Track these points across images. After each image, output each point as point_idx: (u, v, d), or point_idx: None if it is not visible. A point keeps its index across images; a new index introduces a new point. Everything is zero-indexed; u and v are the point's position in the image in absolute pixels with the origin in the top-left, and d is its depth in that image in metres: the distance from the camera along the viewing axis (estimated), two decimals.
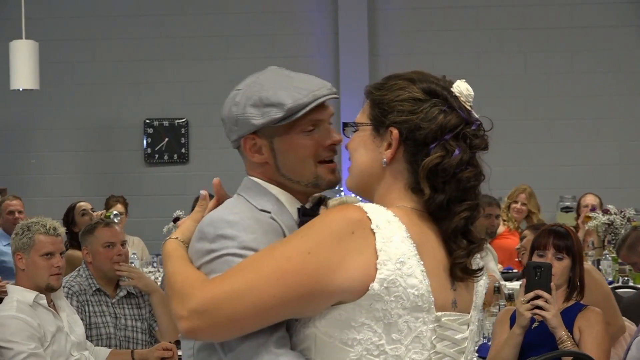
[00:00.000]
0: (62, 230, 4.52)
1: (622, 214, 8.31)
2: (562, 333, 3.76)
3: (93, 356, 4.59)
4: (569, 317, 3.89)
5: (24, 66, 8.13)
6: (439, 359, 1.96)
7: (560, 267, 4.02)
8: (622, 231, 7.93)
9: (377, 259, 1.87)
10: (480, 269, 2.03)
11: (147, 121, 10.70)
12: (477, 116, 2.04)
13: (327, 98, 2.17)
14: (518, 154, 10.34)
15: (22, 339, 4.13)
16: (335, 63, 10.32)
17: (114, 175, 10.70)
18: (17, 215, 8.16)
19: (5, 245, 7.82)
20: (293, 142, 2.15)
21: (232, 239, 2.02)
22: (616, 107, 10.44)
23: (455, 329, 1.97)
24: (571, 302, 4.04)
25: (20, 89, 8.37)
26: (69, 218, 7.87)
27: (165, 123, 10.70)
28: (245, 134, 2.17)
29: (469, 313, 2.02)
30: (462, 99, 2.04)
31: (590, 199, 8.87)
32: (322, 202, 2.20)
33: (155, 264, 8.28)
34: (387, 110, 2.03)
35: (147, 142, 10.72)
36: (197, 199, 9.27)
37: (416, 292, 1.89)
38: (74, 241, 7.22)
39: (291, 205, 2.17)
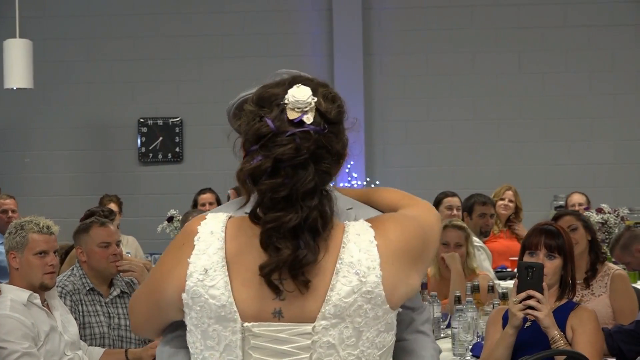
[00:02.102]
0: (56, 228, 4.51)
1: (616, 213, 8.32)
2: (554, 333, 3.76)
3: (87, 356, 4.59)
4: (561, 316, 3.89)
5: (18, 65, 8.12)
6: None
7: (552, 266, 4.02)
8: (616, 230, 7.94)
9: (188, 270, 2.00)
10: (308, 281, 1.94)
11: (142, 120, 10.69)
12: (307, 123, 1.95)
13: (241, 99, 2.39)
14: (512, 153, 10.35)
15: (16, 338, 4.12)
16: (330, 62, 10.32)
17: (108, 174, 10.69)
18: (10, 214, 8.13)
19: None
20: None
21: None
22: (610, 106, 10.45)
23: (280, 339, 1.96)
24: (563, 301, 4.04)
25: (14, 88, 8.36)
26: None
27: (160, 122, 10.69)
28: None
29: (310, 323, 1.95)
30: (289, 106, 1.97)
31: (577, 198, 8.90)
32: None
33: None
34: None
35: (141, 141, 10.71)
36: (194, 199, 9.16)
37: (217, 303, 1.97)
38: None
39: None
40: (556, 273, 4.04)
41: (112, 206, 8.55)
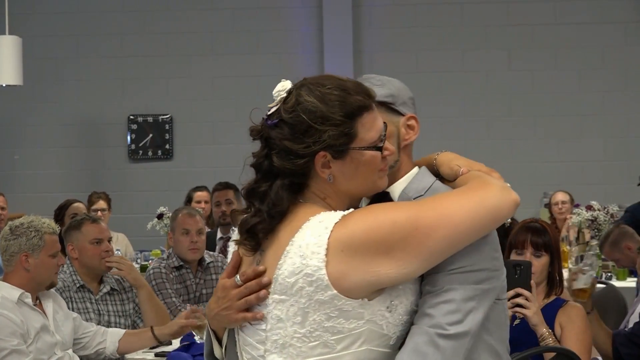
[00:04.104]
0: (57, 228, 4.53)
1: (606, 210, 8.34)
2: (543, 330, 3.76)
3: (106, 337, 4.59)
4: (549, 313, 3.89)
5: (8, 62, 8.11)
6: None
7: (539, 264, 4.01)
8: (606, 227, 7.96)
9: None
10: (254, 244, 2.14)
11: (131, 117, 10.68)
12: (267, 114, 2.12)
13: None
14: (502, 150, 10.36)
15: (5, 335, 4.11)
16: (320, 60, 10.31)
17: (98, 171, 10.67)
18: None
19: None
20: None
21: None
22: (600, 103, 10.48)
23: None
24: (551, 298, 4.04)
25: (3, 85, 8.36)
26: (60, 217, 7.55)
27: (150, 119, 10.68)
28: None
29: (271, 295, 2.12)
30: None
31: (560, 197, 8.94)
32: None
33: (139, 261, 8.25)
34: None
35: (131, 138, 10.70)
36: (188, 195, 9.03)
37: None
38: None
39: None
40: (543, 271, 4.04)
41: (101, 203, 8.53)
